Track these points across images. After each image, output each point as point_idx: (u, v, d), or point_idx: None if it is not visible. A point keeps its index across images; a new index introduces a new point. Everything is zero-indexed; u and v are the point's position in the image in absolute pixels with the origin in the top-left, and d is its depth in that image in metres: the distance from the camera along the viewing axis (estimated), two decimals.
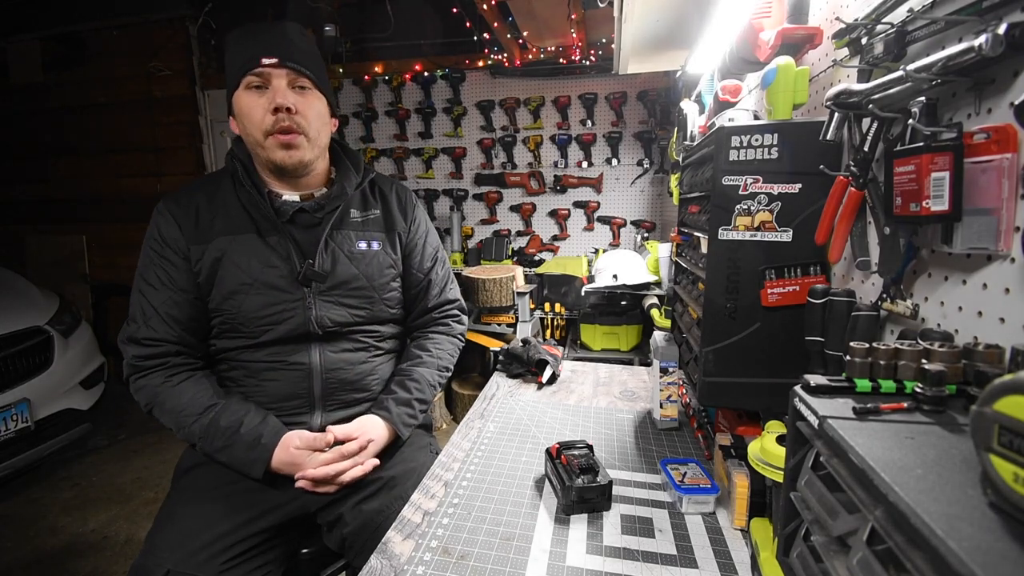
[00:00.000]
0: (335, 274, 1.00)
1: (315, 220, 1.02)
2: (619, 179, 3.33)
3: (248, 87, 0.93)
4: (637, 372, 1.49)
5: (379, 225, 1.10)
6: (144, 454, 2.80)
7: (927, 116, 0.56)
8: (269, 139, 0.94)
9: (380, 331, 1.09)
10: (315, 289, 0.99)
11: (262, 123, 0.93)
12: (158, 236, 0.97)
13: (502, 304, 2.73)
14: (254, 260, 0.96)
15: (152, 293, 0.96)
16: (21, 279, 2.69)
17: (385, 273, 1.07)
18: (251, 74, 0.92)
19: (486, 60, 3.31)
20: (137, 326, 0.96)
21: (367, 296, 1.05)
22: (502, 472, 0.94)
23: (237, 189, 1.00)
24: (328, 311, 1.00)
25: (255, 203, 0.98)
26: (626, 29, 1.51)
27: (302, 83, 0.96)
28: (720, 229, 0.82)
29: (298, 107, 0.94)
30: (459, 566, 0.70)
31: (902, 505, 0.32)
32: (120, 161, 3.97)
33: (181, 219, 0.97)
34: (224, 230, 0.97)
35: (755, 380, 0.84)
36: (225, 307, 0.96)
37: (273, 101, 0.92)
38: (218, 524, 0.85)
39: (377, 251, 1.07)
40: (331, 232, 1.02)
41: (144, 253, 0.99)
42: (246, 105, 0.94)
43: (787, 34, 0.88)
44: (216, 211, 0.98)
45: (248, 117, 0.94)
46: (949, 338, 0.56)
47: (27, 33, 3.85)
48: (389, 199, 1.13)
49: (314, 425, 1.00)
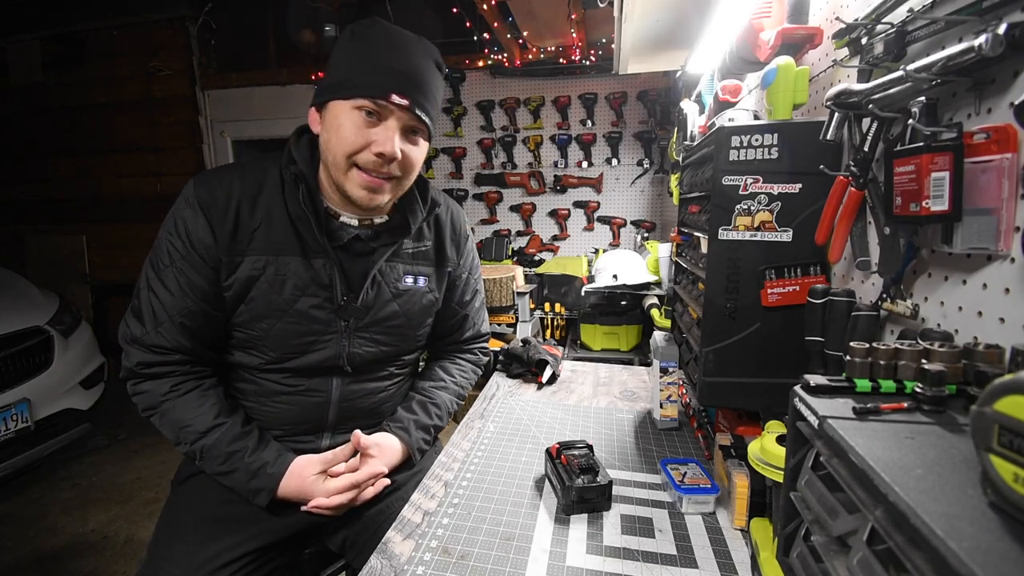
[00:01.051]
0: (375, 310, 0.93)
1: (368, 249, 0.92)
2: (619, 179, 3.33)
3: (358, 108, 0.80)
4: (637, 372, 1.49)
5: (429, 259, 1.00)
6: (144, 454, 2.80)
7: (927, 116, 0.56)
8: (354, 171, 0.83)
9: (404, 360, 1.05)
10: (352, 324, 0.91)
11: (357, 152, 0.82)
12: (185, 236, 0.83)
13: (502, 304, 2.73)
14: (293, 286, 0.86)
15: (167, 298, 0.84)
16: (21, 279, 2.69)
17: (426, 311, 1.01)
18: (372, 100, 0.80)
19: (486, 60, 3.31)
20: (145, 331, 0.85)
21: (402, 334, 0.99)
22: (502, 472, 0.94)
23: (286, 195, 0.87)
24: (360, 347, 0.94)
25: (306, 222, 0.86)
26: (626, 29, 1.51)
27: (417, 131, 0.86)
28: (720, 229, 0.82)
29: (405, 155, 0.84)
30: (459, 566, 0.70)
31: (902, 505, 0.32)
32: (120, 161, 3.97)
33: (216, 223, 0.83)
34: (264, 247, 0.85)
35: (755, 380, 0.84)
36: (252, 328, 0.88)
37: (382, 145, 0.81)
38: (224, 537, 0.83)
39: (421, 288, 0.99)
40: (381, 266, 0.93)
41: (164, 245, 0.85)
42: (349, 124, 0.81)
43: (787, 34, 0.88)
44: (258, 220, 0.85)
45: (342, 138, 0.81)
46: (949, 338, 0.56)
47: (27, 33, 3.85)
48: (443, 231, 1.03)
49: (321, 446, 0.97)
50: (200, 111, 3.82)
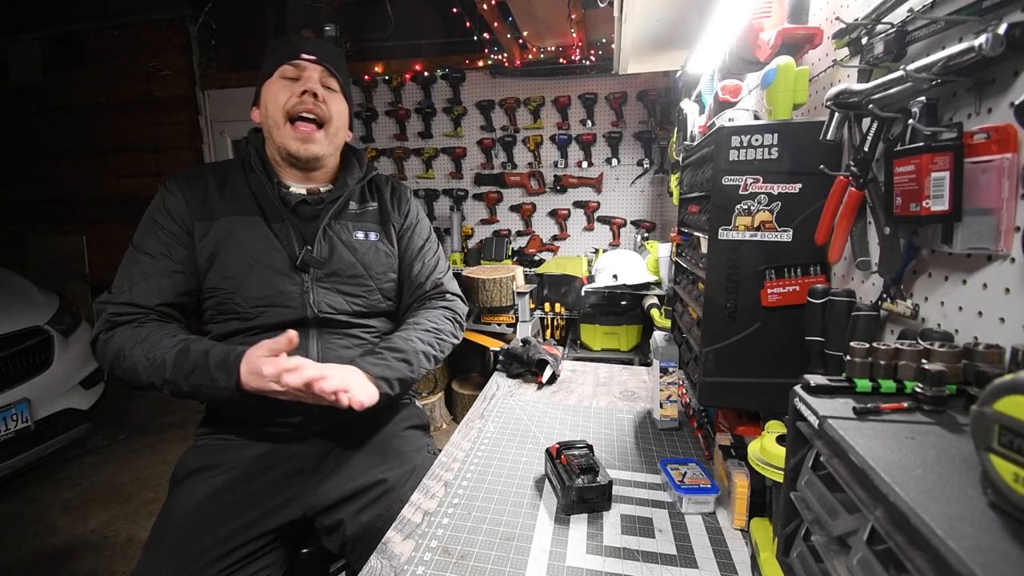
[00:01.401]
0: (332, 261, 1.04)
1: (315, 212, 1.06)
2: (619, 179, 3.33)
3: (282, 76, 1.01)
4: (637, 372, 1.49)
5: (375, 217, 1.14)
6: (144, 454, 2.80)
7: (927, 116, 0.56)
8: (288, 126, 0.99)
9: (375, 326, 1.10)
10: (313, 275, 1.02)
11: (286, 104, 0.99)
12: (163, 208, 0.99)
13: (502, 304, 2.73)
14: (258, 242, 0.99)
15: (146, 262, 0.96)
16: (21, 279, 2.69)
17: (382, 263, 1.11)
18: (289, 63, 1.00)
19: (486, 60, 3.31)
20: (121, 291, 0.95)
21: (364, 284, 1.07)
22: (502, 472, 0.94)
23: (247, 175, 1.04)
24: (325, 297, 1.02)
25: (263, 190, 1.02)
26: (626, 29, 1.51)
27: (331, 84, 1.05)
28: (720, 229, 0.82)
29: (325, 99, 1.01)
30: (459, 566, 0.70)
31: (902, 505, 0.32)
32: (120, 161, 3.97)
33: (189, 195, 1.00)
34: (231, 210, 1.00)
35: (755, 380, 0.84)
36: (223, 286, 0.98)
37: (304, 85, 0.99)
38: (214, 531, 0.84)
39: (374, 241, 1.11)
40: (329, 222, 1.05)
41: (143, 225, 1.00)
42: (275, 88, 1.00)
43: (787, 34, 0.88)
44: (225, 193, 1.02)
45: (274, 98, 0.99)
46: (949, 338, 0.56)
47: (27, 33, 3.85)
48: (384, 194, 1.18)
49: (312, 429, 1.01)
50: (200, 111, 3.82)
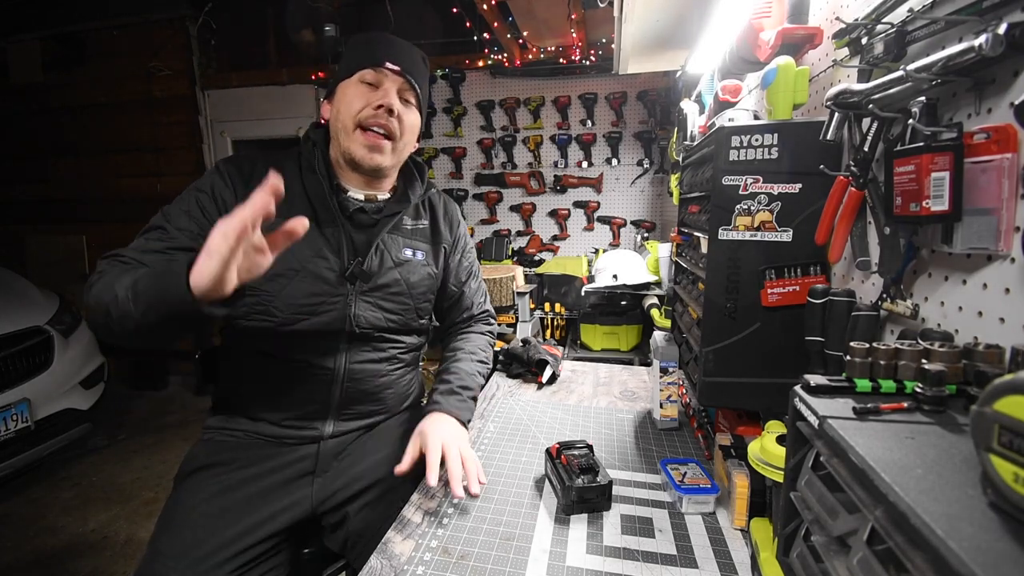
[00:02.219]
0: (379, 276, 1.01)
1: (371, 221, 1.03)
2: (619, 179, 3.33)
3: (361, 80, 0.97)
4: (637, 372, 1.49)
5: (425, 236, 1.12)
6: (144, 454, 2.80)
7: (927, 116, 0.56)
8: (357, 132, 0.97)
9: (405, 342, 1.09)
10: (358, 288, 1.00)
11: (360, 112, 0.96)
12: (208, 190, 0.95)
13: (502, 304, 2.73)
14: (306, 248, 0.95)
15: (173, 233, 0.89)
16: (21, 279, 2.69)
17: (424, 284, 1.09)
18: (371, 68, 0.97)
19: (486, 60, 3.31)
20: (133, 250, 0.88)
21: (404, 303, 1.05)
22: (502, 472, 0.94)
23: (303, 175, 1.01)
24: (365, 311, 1.00)
25: (320, 193, 0.99)
26: (626, 29, 1.51)
27: (409, 97, 1.01)
28: (720, 229, 0.82)
29: (400, 113, 0.98)
30: (459, 566, 0.70)
31: (902, 505, 0.32)
32: (120, 161, 3.96)
33: (239, 187, 0.96)
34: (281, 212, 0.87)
35: (755, 380, 0.84)
36: (265, 287, 0.94)
37: (381, 99, 0.96)
38: (224, 531, 0.84)
39: (420, 260, 1.09)
40: (383, 236, 1.03)
41: (183, 199, 0.95)
42: (352, 93, 0.97)
43: (787, 34, 0.88)
44: None
45: (349, 103, 0.97)
46: (949, 338, 0.56)
47: (27, 33, 3.85)
48: (437, 213, 1.16)
49: (325, 433, 1.00)
50: (200, 111, 3.82)
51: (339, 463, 0.99)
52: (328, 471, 0.98)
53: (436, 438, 0.89)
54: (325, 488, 0.96)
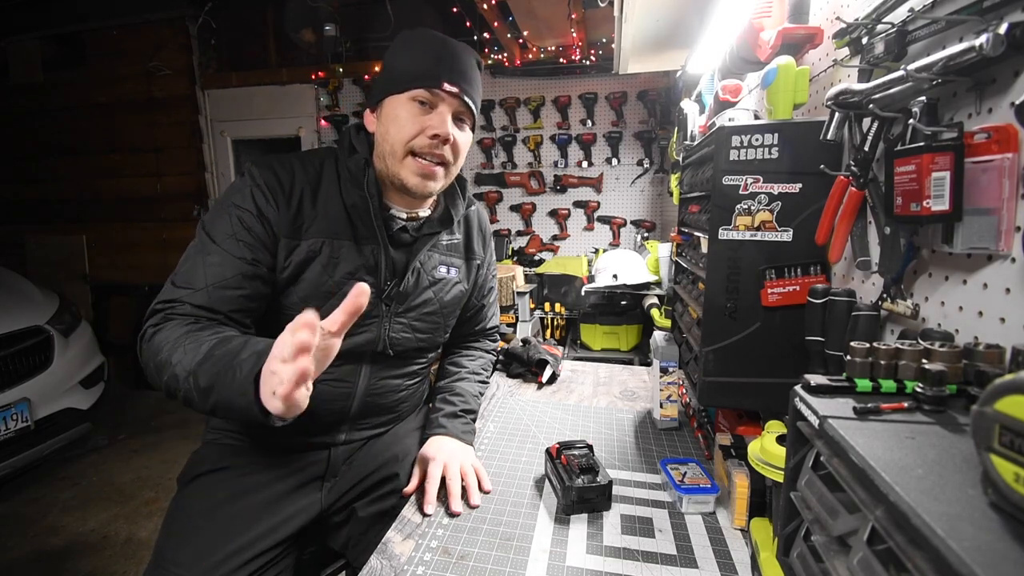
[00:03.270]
0: (414, 297, 0.99)
1: (411, 239, 0.99)
2: (619, 179, 3.33)
3: (414, 99, 0.88)
4: (637, 372, 1.49)
5: (459, 251, 1.08)
6: (144, 454, 2.80)
7: (928, 116, 0.56)
8: (409, 159, 0.90)
9: (427, 358, 1.09)
10: (393, 309, 0.96)
11: (413, 139, 0.88)
12: (252, 208, 0.86)
13: (502, 304, 2.73)
14: (344, 269, 0.91)
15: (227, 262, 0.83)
16: (21, 279, 2.69)
17: (456, 302, 1.07)
18: (425, 89, 0.88)
19: (486, 60, 3.31)
20: (191, 292, 0.81)
21: (435, 322, 1.03)
22: (502, 472, 0.94)
23: (343, 186, 0.93)
24: (399, 333, 0.98)
25: (361, 208, 0.92)
26: (626, 29, 1.51)
27: (465, 118, 0.94)
28: (720, 229, 0.82)
29: (455, 139, 0.91)
30: (459, 566, 0.70)
31: (903, 505, 0.32)
32: (120, 161, 3.97)
33: (281, 203, 0.88)
34: (321, 231, 0.90)
35: (755, 380, 0.84)
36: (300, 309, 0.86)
37: (438, 128, 0.88)
38: (235, 539, 0.82)
39: (453, 278, 1.06)
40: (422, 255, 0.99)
41: (225, 217, 0.86)
42: (405, 114, 0.88)
43: (787, 34, 0.88)
44: (318, 208, 0.91)
45: (400, 127, 0.88)
46: (949, 338, 0.56)
47: (27, 33, 3.85)
48: (472, 228, 1.12)
49: (339, 439, 0.99)
50: (200, 111, 3.82)
51: (349, 468, 0.99)
52: (338, 475, 0.98)
53: (437, 465, 0.89)
54: (335, 492, 0.96)
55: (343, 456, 1.00)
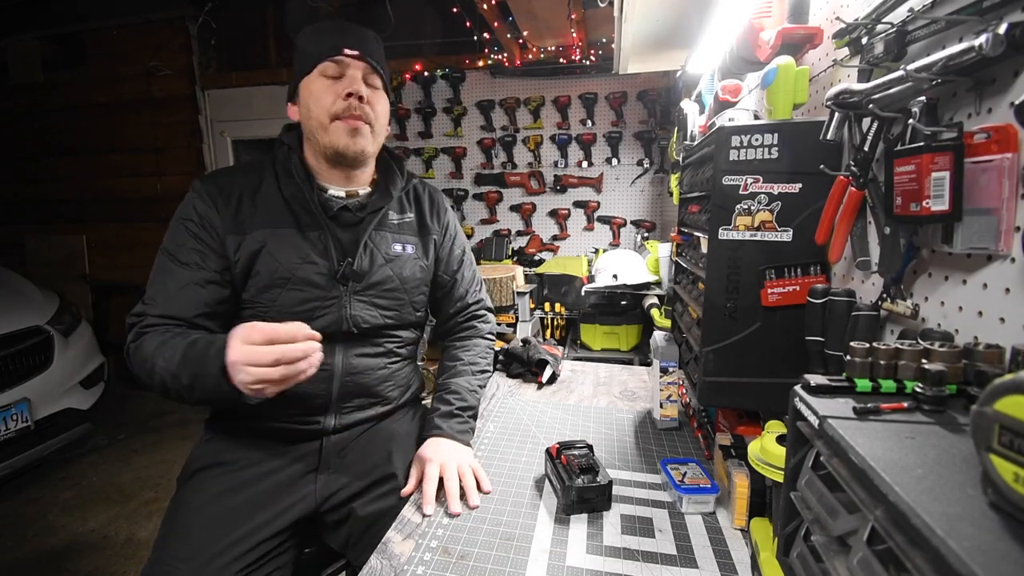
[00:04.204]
0: (371, 274, 1.01)
1: (356, 219, 1.02)
2: (619, 179, 3.33)
3: (323, 74, 0.95)
4: (637, 372, 1.49)
5: (413, 229, 1.11)
6: (144, 454, 2.80)
7: (927, 116, 0.56)
8: (335, 122, 0.95)
9: (402, 336, 1.09)
10: (351, 288, 0.99)
11: (332, 106, 0.95)
12: (195, 215, 0.94)
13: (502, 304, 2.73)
14: (293, 255, 0.95)
15: (181, 272, 0.92)
16: (21, 279, 2.69)
17: (417, 277, 1.09)
18: (330, 60, 0.95)
19: (486, 60, 3.31)
20: (155, 304, 0.91)
21: (398, 298, 1.05)
22: (502, 472, 0.94)
23: (280, 181, 0.99)
24: (361, 311, 1.00)
25: (299, 196, 0.98)
26: (626, 29, 1.51)
27: (374, 82, 0.99)
28: (720, 229, 0.82)
29: (370, 99, 0.97)
30: (459, 566, 0.70)
31: (902, 505, 0.32)
32: (120, 161, 3.97)
33: (221, 206, 0.95)
34: (263, 223, 0.96)
35: (755, 380, 0.84)
36: (260, 300, 0.95)
37: (348, 87, 0.94)
38: (231, 532, 0.84)
39: (410, 255, 1.08)
40: (371, 233, 1.02)
41: (175, 230, 0.95)
42: (318, 88, 0.95)
43: (787, 34, 0.88)
44: (258, 203, 0.97)
45: (318, 100, 0.95)
46: (949, 338, 0.56)
47: (27, 33, 3.85)
48: (423, 204, 1.15)
49: (328, 427, 1.00)
50: (200, 111, 3.82)
51: (342, 460, 0.99)
52: (331, 467, 0.98)
53: (434, 466, 0.90)
54: (329, 485, 0.96)
55: (335, 447, 1.00)
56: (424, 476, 0.89)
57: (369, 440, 1.03)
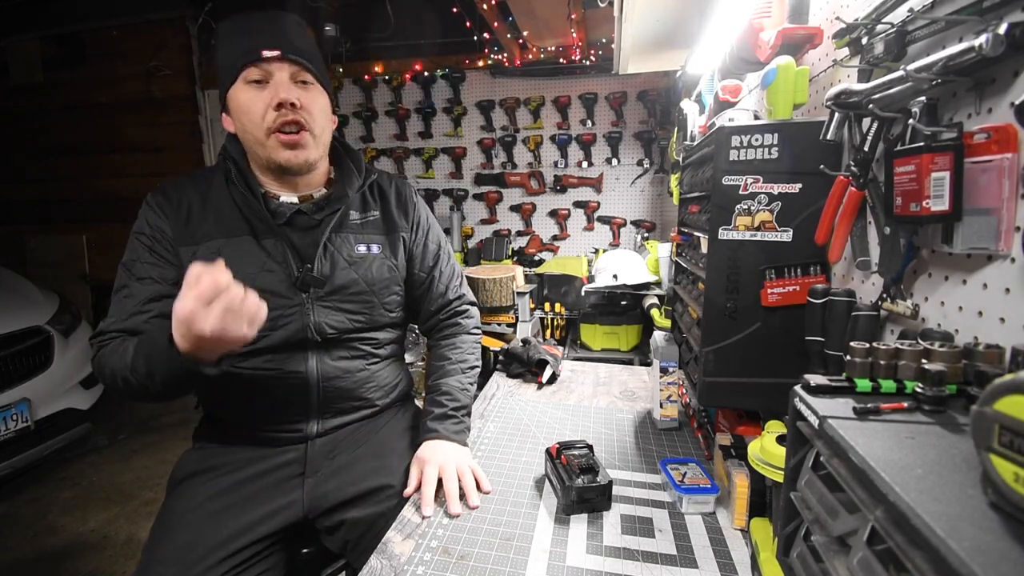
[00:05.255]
0: (334, 279, 0.97)
1: (313, 222, 0.98)
2: (619, 179, 3.33)
3: (247, 81, 0.89)
4: (637, 372, 1.49)
5: (378, 227, 1.06)
6: (144, 454, 2.80)
7: (927, 116, 0.56)
8: (271, 137, 0.90)
9: (378, 338, 1.05)
10: (313, 295, 0.95)
11: (263, 120, 0.89)
12: (147, 229, 0.93)
13: (502, 304, 2.73)
14: (249, 264, 0.91)
15: (137, 287, 0.91)
16: (21, 279, 2.69)
17: (385, 277, 1.03)
18: (251, 67, 0.88)
19: (486, 60, 3.31)
20: (115, 322, 0.90)
21: (366, 301, 1.01)
22: (502, 472, 0.94)
23: (231, 188, 0.95)
24: (326, 317, 0.96)
25: (249, 204, 0.94)
26: (626, 29, 1.51)
27: (304, 77, 0.92)
28: (720, 229, 0.82)
29: (302, 102, 0.90)
30: (459, 566, 0.70)
31: (902, 505, 0.32)
32: (120, 161, 3.97)
33: (171, 215, 0.93)
34: (216, 232, 0.93)
35: (755, 380, 0.84)
36: None
37: (276, 96, 0.88)
38: (216, 534, 0.83)
39: (376, 255, 1.03)
40: (330, 236, 0.97)
41: (131, 246, 0.94)
42: (245, 100, 0.89)
43: (787, 34, 0.88)
44: (208, 212, 0.94)
45: (247, 113, 0.90)
46: (949, 338, 0.56)
47: (27, 33, 3.85)
48: (388, 199, 1.09)
49: (311, 432, 0.98)
50: (200, 111, 3.82)
51: (330, 463, 0.98)
52: (319, 471, 0.96)
53: (432, 468, 0.89)
54: (317, 488, 0.94)
55: (322, 450, 0.99)
56: (423, 478, 0.88)
57: (358, 444, 1.01)
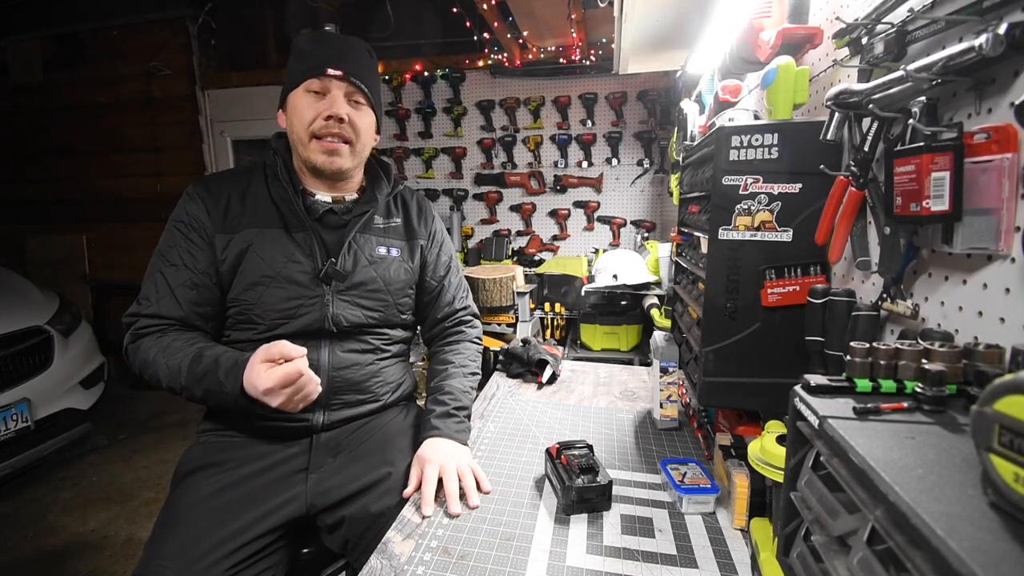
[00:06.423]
0: (354, 275, 1.04)
1: (342, 222, 1.06)
2: (619, 179, 3.33)
3: (307, 90, 0.99)
4: (637, 372, 1.49)
5: (399, 234, 1.14)
6: (144, 454, 2.80)
7: (927, 116, 0.56)
8: (314, 141, 0.99)
9: (389, 334, 1.11)
10: (334, 288, 1.02)
11: (312, 124, 0.98)
12: (186, 217, 1.00)
13: (502, 304, 2.73)
14: (278, 254, 0.99)
15: (171, 273, 0.98)
16: (21, 279, 2.69)
17: (402, 279, 1.11)
18: (314, 78, 0.98)
19: (486, 60, 3.31)
20: (148, 303, 0.97)
21: (382, 299, 1.07)
22: (502, 472, 0.94)
23: (269, 184, 1.04)
24: (344, 310, 1.02)
25: (286, 199, 1.02)
26: (626, 29, 1.51)
27: (358, 98, 1.02)
28: (720, 229, 0.82)
29: (351, 118, 1.00)
30: (459, 566, 0.70)
31: (902, 505, 0.32)
32: (120, 161, 3.97)
33: (211, 206, 1.00)
34: (252, 223, 1.00)
35: (755, 380, 0.84)
36: (244, 298, 0.98)
37: (330, 108, 0.98)
38: (219, 530, 0.84)
39: (395, 257, 1.11)
40: (355, 235, 1.05)
41: (168, 233, 1.01)
42: (301, 104, 0.99)
43: (787, 34, 0.88)
44: (247, 205, 1.02)
45: (300, 116, 0.99)
46: (949, 338, 0.56)
47: (27, 33, 3.85)
48: (410, 210, 1.18)
49: (317, 423, 1.01)
50: (200, 111, 3.82)
51: (333, 460, 0.99)
52: (323, 467, 0.98)
53: (433, 466, 0.90)
54: (320, 484, 0.95)
55: (326, 445, 1.00)
56: (423, 477, 0.89)
57: (361, 440, 1.03)
